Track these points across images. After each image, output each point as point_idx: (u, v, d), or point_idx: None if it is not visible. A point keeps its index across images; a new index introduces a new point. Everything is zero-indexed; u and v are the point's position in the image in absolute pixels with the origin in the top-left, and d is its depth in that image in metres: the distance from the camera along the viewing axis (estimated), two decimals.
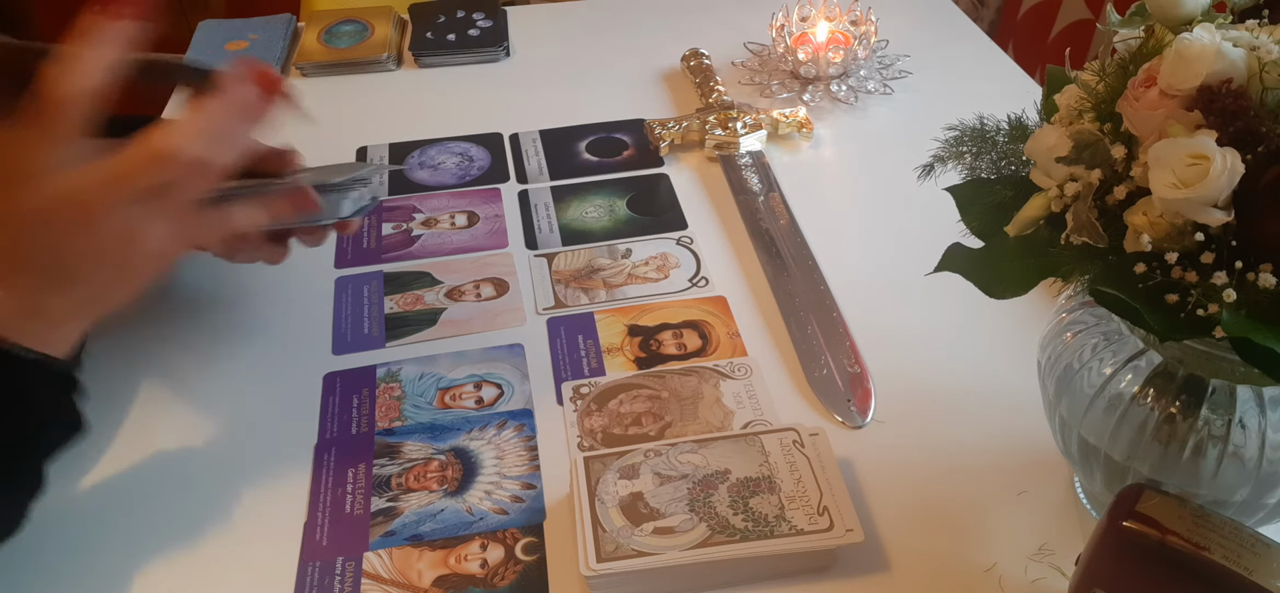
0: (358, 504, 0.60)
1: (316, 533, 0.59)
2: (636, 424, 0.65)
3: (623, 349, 0.72)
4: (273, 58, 1.10)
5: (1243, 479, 0.48)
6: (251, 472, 0.63)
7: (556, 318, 0.75)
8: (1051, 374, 0.54)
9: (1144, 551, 0.44)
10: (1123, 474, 0.51)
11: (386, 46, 1.12)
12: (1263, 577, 0.42)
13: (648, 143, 0.95)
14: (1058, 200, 0.45)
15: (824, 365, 0.70)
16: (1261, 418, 0.48)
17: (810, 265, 0.79)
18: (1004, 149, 0.51)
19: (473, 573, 0.56)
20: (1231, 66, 0.41)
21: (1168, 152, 0.40)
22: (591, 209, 0.87)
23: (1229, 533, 0.43)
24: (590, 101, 1.04)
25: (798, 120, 0.95)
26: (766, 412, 0.66)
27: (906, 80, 1.04)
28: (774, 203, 0.86)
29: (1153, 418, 0.50)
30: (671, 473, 0.58)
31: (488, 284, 0.79)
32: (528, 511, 0.60)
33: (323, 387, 0.69)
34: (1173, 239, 0.41)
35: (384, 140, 0.97)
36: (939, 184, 0.53)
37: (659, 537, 0.54)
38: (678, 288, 0.78)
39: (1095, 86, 0.46)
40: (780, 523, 0.54)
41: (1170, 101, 0.42)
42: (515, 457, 0.63)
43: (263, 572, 0.57)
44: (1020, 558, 0.56)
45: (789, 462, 0.58)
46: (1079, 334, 0.53)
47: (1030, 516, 0.59)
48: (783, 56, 1.05)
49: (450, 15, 1.18)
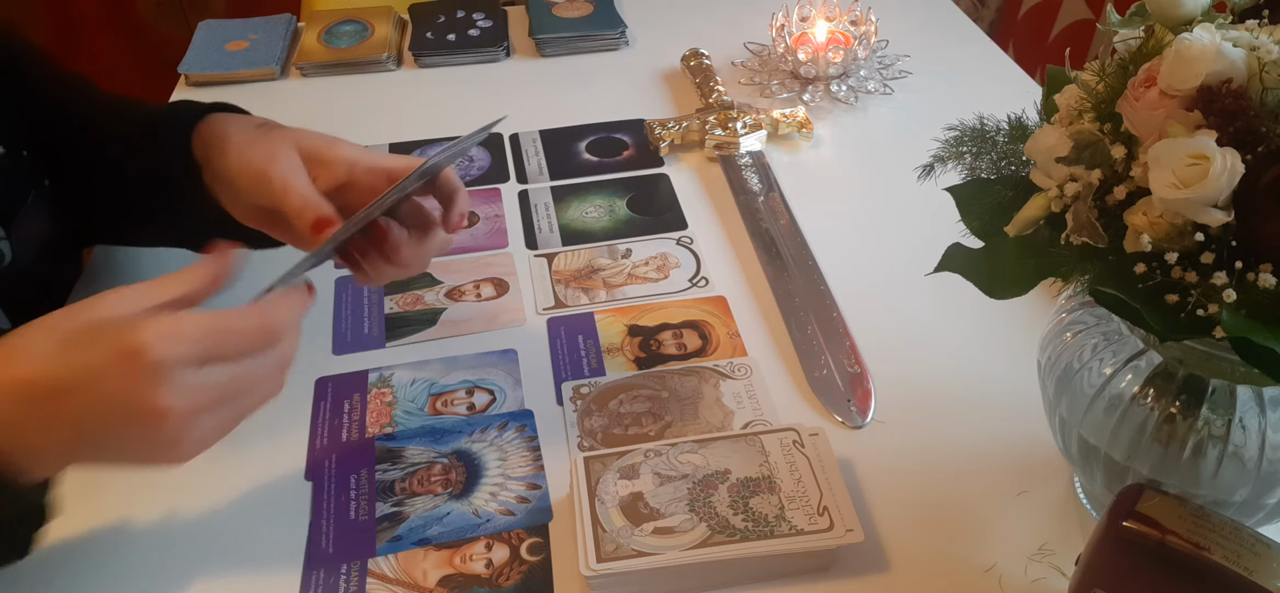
0: (362, 510, 0.60)
1: (322, 540, 0.59)
2: (636, 424, 0.65)
3: (623, 349, 0.72)
4: (273, 58, 1.10)
5: (1243, 479, 0.48)
6: (251, 471, 0.63)
7: (556, 318, 0.75)
8: (1051, 374, 0.54)
9: (1144, 551, 0.44)
10: (1123, 474, 0.51)
11: (386, 46, 1.12)
12: (1263, 577, 0.42)
13: (648, 143, 0.95)
14: (1058, 200, 0.45)
15: (824, 365, 0.70)
16: (1261, 418, 0.48)
17: (810, 265, 0.79)
18: (1004, 149, 0.51)
19: (478, 573, 0.56)
20: (1231, 66, 0.41)
21: (1168, 152, 0.40)
22: (591, 209, 0.87)
23: (1229, 533, 0.43)
24: (590, 101, 1.04)
25: (798, 120, 0.96)
26: (766, 412, 0.66)
27: (906, 80, 1.04)
28: (774, 203, 0.86)
29: (1153, 418, 0.50)
30: (671, 473, 0.58)
31: (488, 284, 0.79)
32: (533, 511, 0.60)
33: (314, 392, 0.69)
34: (1173, 239, 0.41)
35: (384, 141, 0.97)
36: (939, 184, 0.53)
37: (659, 537, 0.54)
38: (678, 288, 0.78)
39: (1095, 86, 0.46)
40: (780, 523, 0.54)
41: (1170, 101, 0.42)
42: (518, 458, 0.63)
43: (266, 572, 0.57)
44: (1020, 558, 0.56)
45: (789, 462, 0.58)
46: (1079, 334, 0.53)
47: (1030, 516, 0.59)
48: (783, 56, 1.05)
49: (450, 15, 1.18)
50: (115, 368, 0.44)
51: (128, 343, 0.44)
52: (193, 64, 1.09)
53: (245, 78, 1.09)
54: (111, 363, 0.44)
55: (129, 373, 0.44)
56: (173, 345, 0.45)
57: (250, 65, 1.09)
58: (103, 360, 0.44)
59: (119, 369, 0.44)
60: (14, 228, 0.67)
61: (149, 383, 0.44)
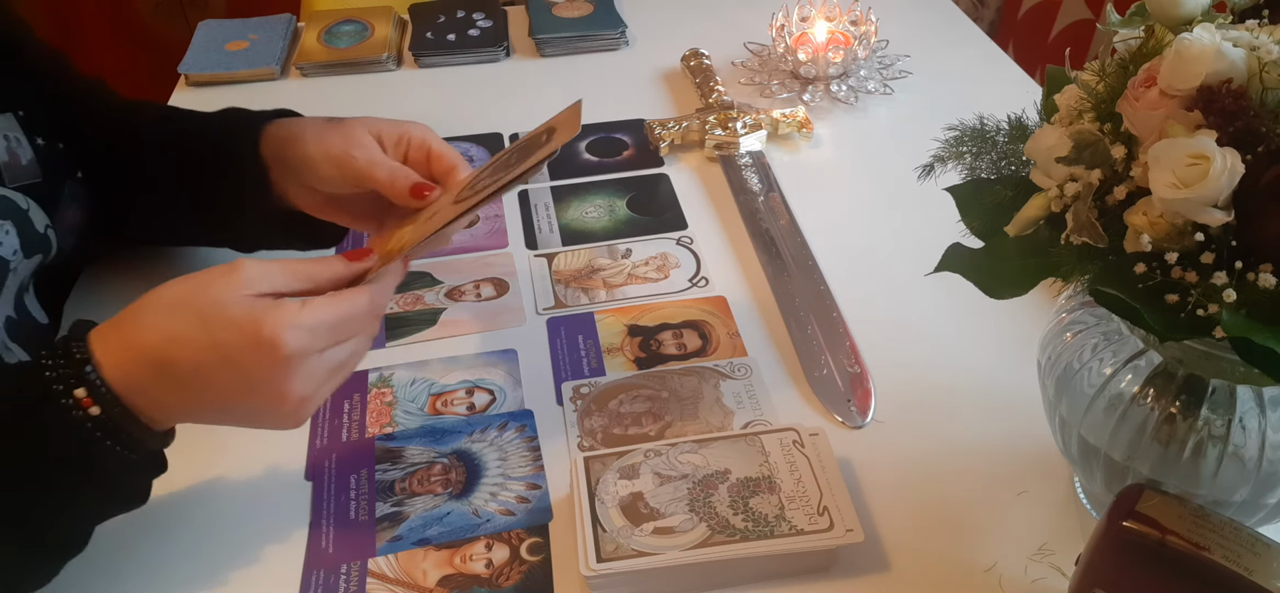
0: (362, 511, 0.60)
1: (322, 541, 0.59)
2: (636, 424, 0.65)
3: (623, 349, 0.72)
4: (273, 58, 1.10)
5: (1243, 479, 0.48)
6: (251, 471, 0.63)
7: (556, 318, 0.75)
8: (1051, 374, 0.54)
9: (1144, 551, 0.44)
10: (1123, 474, 0.51)
11: (386, 46, 1.12)
12: (1263, 577, 0.42)
13: (648, 143, 0.95)
14: (1058, 200, 0.45)
15: (824, 365, 0.70)
16: (1261, 418, 0.48)
17: (810, 265, 0.79)
18: (1004, 149, 0.51)
19: (478, 573, 0.56)
20: (1231, 66, 0.41)
21: (1168, 152, 0.40)
22: (591, 209, 0.87)
23: (1229, 533, 0.43)
24: (590, 102, 1.04)
25: (798, 120, 0.96)
26: (766, 412, 0.66)
27: (906, 80, 1.04)
28: (774, 203, 0.86)
29: (1153, 418, 0.50)
30: (671, 473, 0.58)
31: (488, 284, 0.79)
32: (533, 511, 0.60)
33: None
34: (1173, 239, 0.41)
35: None
36: (939, 184, 0.53)
37: (659, 537, 0.54)
38: (678, 288, 0.78)
39: (1095, 86, 0.46)
40: (780, 523, 0.54)
41: (1170, 101, 0.42)
42: (518, 458, 0.63)
43: (266, 572, 0.57)
44: (1020, 558, 0.56)
45: (789, 462, 0.58)
46: (1079, 334, 0.53)
47: (1030, 516, 0.59)
48: (783, 56, 1.05)
49: (450, 15, 1.18)
50: (250, 354, 0.49)
51: (263, 334, 0.48)
52: (193, 64, 1.09)
53: (245, 78, 1.09)
54: (247, 349, 0.49)
55: (262, 363, 0.49)
56: (304, 337, 0.49)
57: (250, 65, 1.09)
58: (238, 344, 0.49)
59: (253, 356, 0.49)
60: (56, 218, 0.69)
61: (281, 372, 0.49)
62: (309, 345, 0.50)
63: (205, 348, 0.49)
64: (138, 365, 0.49)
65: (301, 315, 0.49)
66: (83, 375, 0.48)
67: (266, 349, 0.48)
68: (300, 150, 0.65)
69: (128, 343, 0.49)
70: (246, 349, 0.49)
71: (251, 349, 0.49)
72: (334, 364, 0.52)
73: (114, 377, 0.49)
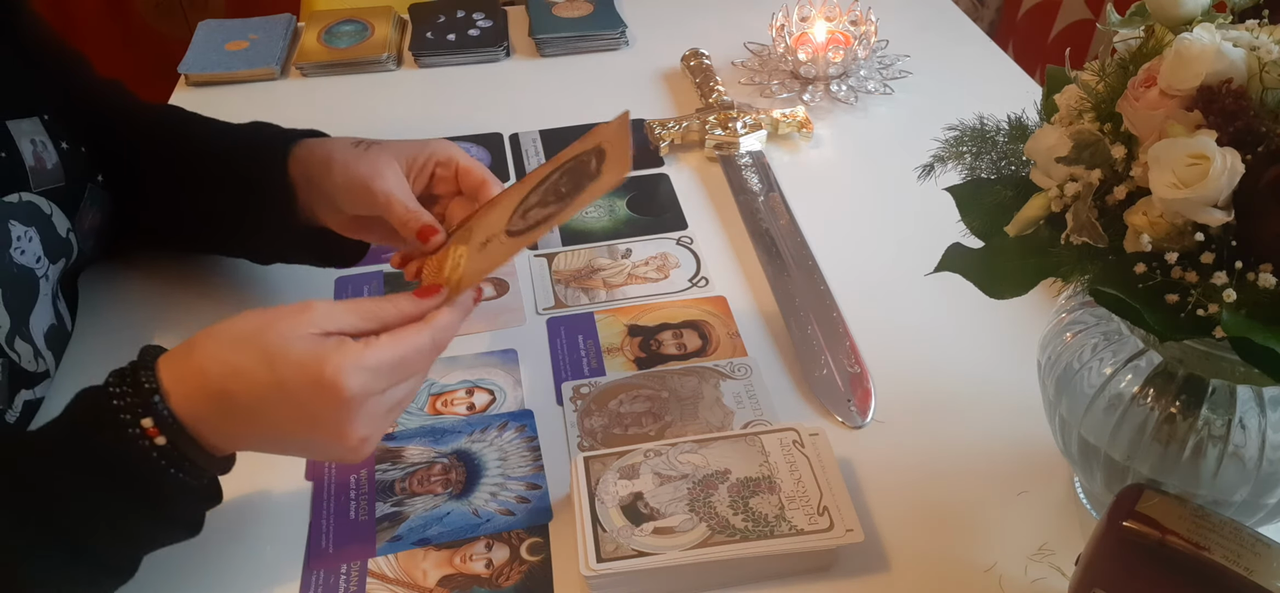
0: (362, 511, 0.60)
1: (322, 541, 0.59)
2: (636, 424, 0.65)
3: (623, 349, 0.72)
4: (273, 58, 1.10)
5: (1243, 479, 0.48)
6: (251, 471, 0.63)
7: (556, 318, 0.75)
8: (1051, 374, 0.54)
9: (1144, 551, 0.44)
10: (1123, 474, 0.51)
11: (386, 46, 1.12)
12: (1263, 577, 0.42)
13: (648, 143, 0.95)
14: (1058, 200, 0.45)
15: (824, 365, 0.70)
16: (1261, 418, 0.48)
17: (810, 265, 0.79)
18: (1004, 149, 0.51)
19: (478, 573, 0.56)
20: (1231, 66, 0.41)
21: (1168, 152, 0.40)
22: (591, 209, 0.87)
23: (1229, 533, 0.43)
24: (590, 101, 1.04)
25: (798, 120, 0.96)
26: (766, 412, 0.66)
27: (906, 80, 1.04)
28: (774, 203, 0.86)
29: (1153, 418, 0.50)
30: (671, 473, 0.58)
31: (488, 284, 0.79)
32: (533, 511, 0.60)
33: None
34: (1173, 239, 0.41)
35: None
36: (939, 184, 0.53)
37: (659, 537, 0.54)
38: (678, 288, 0.78)
39: (1095, 86, 0.46)
40: (780, 523, 0.54)
41: (1170, 101, 0.42)
42: (518, 458, 0.63)
43: (266, 572, 0.57)
44: (1020, 558, 0.56)
45: (789, 462, 0.58)
46: (1079, 334, 0.53)
47: (1030, 516, 0.59)
48: (783, 56, 1.05)
49: (450, 15, 1.18)
50: (312, 394, 0.49)
51: (326, 375, 0.48)
52: (193, 64, 1.09)
53: (245, 78, 1.09)
54: (308, 388, 0.49)
55: (324, 403, 0.49)
56: (366, 378, 0.49)
57: (250, 65, 1.09)
58: (300, 383, 0.49)
59: (314, 396, 0.49)
60: (76, 222, 0.69)
61: (343, 413, 0.49)
62: (370, 386, 0.50)
63: (268, 385, 0.49)
64: (202, 397, 0.49)
65: (364, 357, 0.49)
66: (150, 405, 0.49)
67: (328, 390, 0.49)
68: (326, 177, 0.65)
69: (195, 372, 0.50)
70: (308, 389, 0.49)
71: (313, 389, 0.49)
72: (393, 402, 0.52)
73: (180, 407, 0.49)
